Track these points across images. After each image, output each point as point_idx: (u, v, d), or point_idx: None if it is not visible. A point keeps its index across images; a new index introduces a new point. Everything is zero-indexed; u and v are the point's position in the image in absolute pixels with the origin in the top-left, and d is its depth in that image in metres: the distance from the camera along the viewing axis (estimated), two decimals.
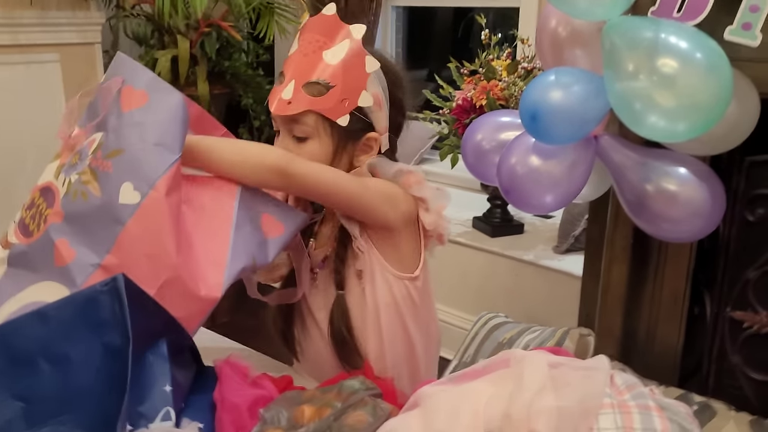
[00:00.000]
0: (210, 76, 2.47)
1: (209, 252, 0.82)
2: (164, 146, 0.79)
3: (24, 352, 0.65)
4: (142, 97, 0.81)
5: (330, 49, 0.93)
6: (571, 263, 2.00)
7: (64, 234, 0.79)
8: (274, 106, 0.94)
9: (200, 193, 0.85)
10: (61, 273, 0.78)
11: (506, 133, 1.38)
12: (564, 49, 1.24)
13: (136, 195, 0.77)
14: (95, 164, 0.80)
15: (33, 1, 2.14)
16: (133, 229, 0.77)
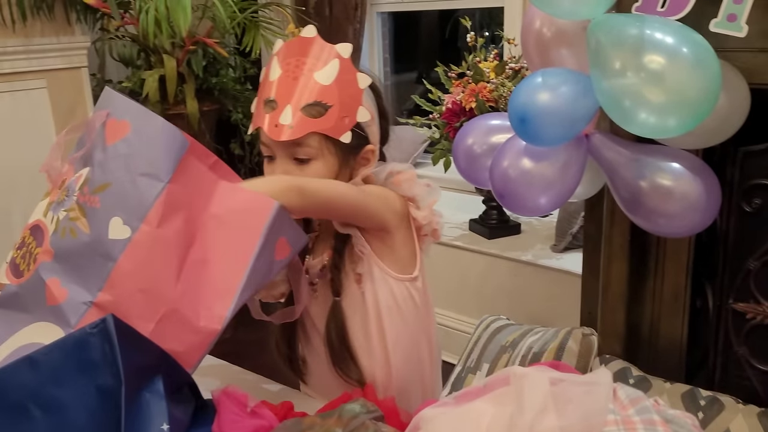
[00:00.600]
0: (198, 93, 2.46)
1: (222, 277, 0.79)
2: (151, 176, 0.77)
3: (15, 400, 0.64)
4: (124, 128, 0.80)
5: (320, 71, 0.94)
6: (570, 261, 1.99)
7: (54, 273, 0.78)
8: (271, 132, 0.93)
9: (233, 208, 0.82)
10: (53, 313, 0.76)
11: (497, 136, 1.38)
12: (550, 50, 1.23)
13: (125, 230, 0.76)
14: (83, 200, 0.79)
15: (16, 29, 2.13)
16: (125, 265, 0.75)
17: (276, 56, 0.97)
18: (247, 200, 0.82)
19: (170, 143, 0.79)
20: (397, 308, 1.00)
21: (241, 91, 2.70)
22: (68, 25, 2.30)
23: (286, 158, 0.95)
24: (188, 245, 0.79)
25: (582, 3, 1.09)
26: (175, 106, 2.41)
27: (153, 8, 2.08)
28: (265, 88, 0.96)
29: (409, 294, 1.01)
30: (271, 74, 0.96)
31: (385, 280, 0.99)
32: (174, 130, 0.80)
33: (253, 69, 2.82)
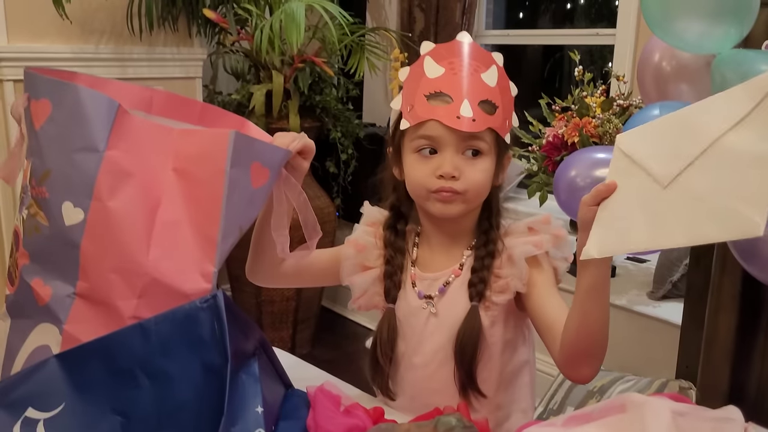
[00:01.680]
0: (301, 109, 2.53)
1: (199, 232, 0.74)
2: (85, 149, 0.73)
3: (124, 366, 0.65)
4: (46, 107, 0.75)
5: (485, 73, 0.96)
6: (668, 310, 1.89)
7: (35, 273, 0.76)
8: (454, 123, 0.92)
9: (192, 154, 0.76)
10: (46, 312, 0.75)
11: (602, 169, 1.33)
12: (668, 84, 1.19)
13: (78, 212, 0.72)
14: (35, 193, 0.76)
15: (142, 38, 2.27)
16: (88, 249, 0.72)
17: (429, 56, 0.97)
18: (204, 141, 0.76)
19: (97, 109, 0.74)
20: (513, 345, 1.00)
21: (342, 111, 2.76)
22: (188, 38, 2.43)
23: (455, 151, 0.94)
24: (153, 208, 0.74)
25: (708, 37, 1.05)
26: (279, 121, 2.48)
27: (268, 26, 2.17)
28: (425, 84, 0.95)
29: (522, 331, 1.01)
30: (428, 72, 0.96)
31: (509, 313, 0.98)
32: (97, 94, 0.75)
33: (355, 90, 2.87)
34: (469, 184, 0.94)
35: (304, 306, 2.66)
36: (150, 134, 0.76)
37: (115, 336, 0.66)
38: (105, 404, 0.64)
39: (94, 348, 0.66)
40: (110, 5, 2.20)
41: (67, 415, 0.65)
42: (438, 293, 1.00)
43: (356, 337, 2.77)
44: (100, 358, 0.66)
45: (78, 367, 0.66)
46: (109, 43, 2.26)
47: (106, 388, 0.65)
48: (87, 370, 0.66)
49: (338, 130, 2.72)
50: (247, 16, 2.34)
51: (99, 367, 0.66)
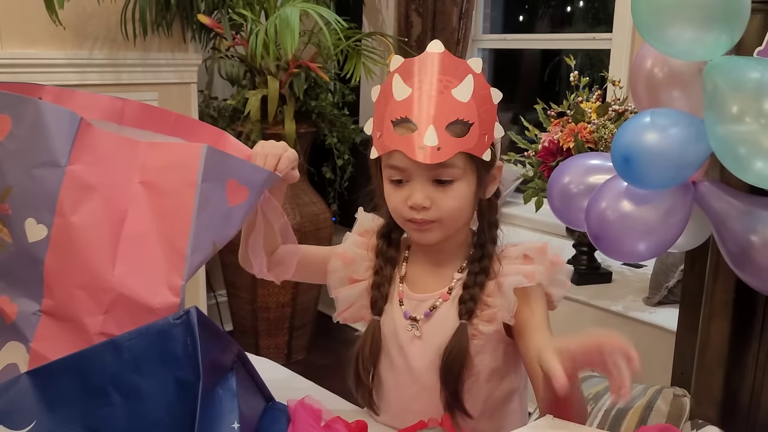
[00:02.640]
0: (297, 115, 2.53)
1: (167, 245, 0.73)
2: (47, 164, 0.72)
3: (96, 383, 0.65)
4: (5, 122, 0.74)
5: (457, 87, 0.89)
6: (663, 317, 1.88)
7: (2, 291, 0.75)
8: (417, 155, 0.87)
9: (160, 166, 0.75)
10: (13, 330, 0.74)
11: (596, 176, 1.33)
12: (660, 91, 1.18)
13: (42, 229, 0.71)
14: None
15: (136, 43, 2.27)
16: (52, 265, 0.71)
17: (398, 74, 0.91)
18: (173, 154, 0.75)
19: (58, 123, 0.73)
20: (499, 371, 0.97)
21: (338, 116, 2.75)
22: (183, 43, 2.43)
23: (425, 181, 0.90)
24: (118, 222, 0.73)
25: (699, 44, 1.04)
26: (274, 126, 2.48)
27: (263, 31, 2.16)
28: (393, 108, 0.90)
29: (513, 355, 0.97)
30: (396, 93, 0.90)
31: (498, 346, 0.96)
32: (58, 109, 0.74)
33: (351, 95, 2.87)
34: (441, 213, 0.91)
35: (299, 312, 2.65)
36: (115, 147, 0.75)
37: (87, 352, 0.65)
38: (77, 422, 0.63)
39: (65, 365, 0.65)
40: (104, 11, 2.19)
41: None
42: (423, 317, 0.97)
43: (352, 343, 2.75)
44: (71, 374, 0.65)
45: (49, 384, 0.65)
46: (103, 49, 2.25)
47: (78, 406, 0.64)
48: (58, 388, 0.65)
49: (334, 135, 2.72)
50: (242, 21, 2.34)
51: (71, 384, 0.65)
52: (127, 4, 2.20)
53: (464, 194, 0.91)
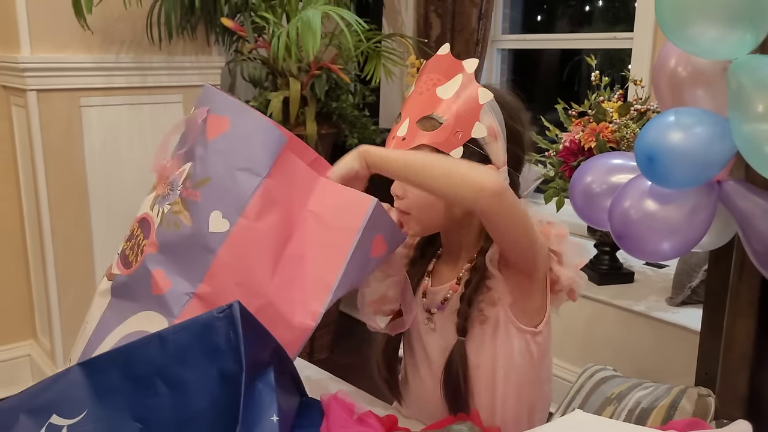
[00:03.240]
0: (318, 116, 2.55)
1: (318, 273, 0.79)
2: (249, 170, 0.78)
3: (143, 374, 0.67)
4: (225, 124, 0.81)
5: (443, 85, 0.93)
6: (686, 316, 1.87)
7: (159, 264, 0.80)
8: (387, 143, 0.95)
9: (332, 204, 0.82)
10: (158, 302, 0.78)
11: (618, 175, 1.33)
12: (684, 90, 1.18)
13: (224, 223, 0.77)
14: (185, 194, 0.81)
15: (161, 47, 2.31)
16: (223, 258, 0.76)
17: (418, 74, 0.99)
18: (346, 197, 0.81)
19: (268, 139, 0.79)
20: (512, 362, 0.96)
21: (359, 117, 2.77)
22: (207, 46, 2.46)
23: None
24: (286, 240, 0.79)
25: (723, 42, 1.04)
26: (296, 128, 2.50)
27: (285, 34, 2.19)
28: (402, 104, 0.99)
29: (527, 348, 0.97)
30: (408, 91, 0.99)
31: (508, 329, 0.96)
32: (272, 126, 0.80)
33: (371, 96, 2.88)
34: (411, 204, 0.94)
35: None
36: (302, 174, 0.82)
37: (135, 345, 0.68)
38: (125, 411, 0.65)
39: (114, 357, 0.68)
40: (130, 15, 2.23)
41: (89, 422, 0.66)
42: (437, 309, 1.00)
43: (375, 342, 2.78)
44: (120, 366, 0.67)
45: (99, 375, 0.68)
46: (129, 52, 2.29)
47: (127, 396, 0.66)
48: (108, 379, 0.68)
49: (355, 136, 2.74)
50: (264, 24, 2.37)
51: (119, 375, 0.67)
52: (152, 8, 2.24)
53: None
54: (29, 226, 2.35)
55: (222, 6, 2.27)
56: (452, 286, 0.99)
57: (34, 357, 2.46)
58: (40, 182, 2.18)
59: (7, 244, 2.39)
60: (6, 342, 2.46)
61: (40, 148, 2.15)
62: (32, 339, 2.51)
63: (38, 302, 2.41)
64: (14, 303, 2.44)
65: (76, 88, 2.19)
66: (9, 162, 2.35)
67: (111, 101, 2.27)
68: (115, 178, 2.31)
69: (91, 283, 2.30)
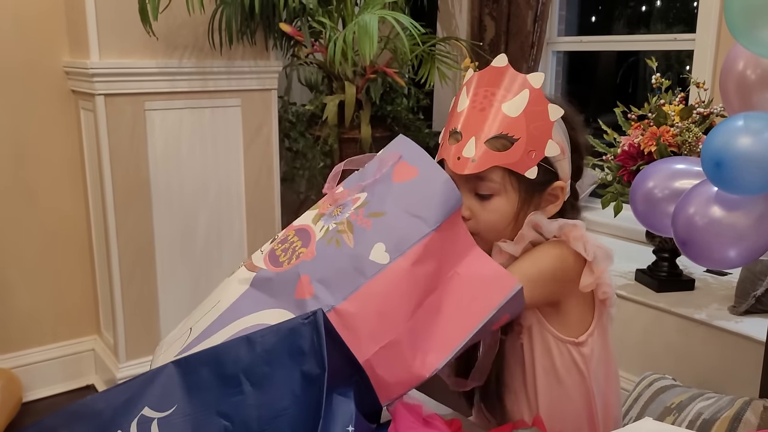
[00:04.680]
0: (373, 119, 2.58)
1: (447, 331, 0.82)
2: (422, 219, 0.83)
3: (231, 372, 0.70)
4: (413, 172, 0.86)
5: (509, 101, 0.90)
6: (750, 326, 1.81)
7: (309, 271, 0.84)
8: (454, 166, 0.92)
9: (478, 274, 0.85)
10: (297, 305, 0.83)
11: (682, 181, 1.30)
12: (753, 93, 1.15)
13: (385, 256, 0.81)
14: (354, 218, 0.86)
15: (222, 52, 2.37)
16: (374, 286, 0.80)
17: (465, 86, 0.96)
18: (493, 272, 0.84)
19: (447, 197, 0.84)
20: (554, 371, 0.95)
21: (413, 121, 2.78)
22: (265, 51, 2.52)
23: (467, 192, 0.94)
24: (429, 291, 0.83)
25: None
26: (351, 131, 2.53)
27: (341, 38, 2.22)
28: (452, 119, 0.95)
29: (571, 359, 0.95)
30: (459, 105, 0.95)
31: (544, 338, 0.95)
32: (453, 187, 0.84)
33: (426, 100, 2.89)
34: (479, 226, 0.94)
35: None
36: (462, 237, 0.86)
37: (224, 346, 0.72)
38: (212, 408, 0.69)
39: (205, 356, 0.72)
40: (193, 21, 2.30)
41: (178, 416, 0.70)
42: None
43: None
44: (210, 365, 0.71)
45: (190, 373, 0.72)
46: (191, 58, 2.36)
47: (214, 393, 0.69)
48: (198, 376, 0.71)
49: None
50: (321, 29, 2.40)
51: (208, 373, 0.71)
52: (214, 14, 2.30)
53: (503, 210, 0.93)
54: (95, 225, 2.44)
55: (280, 11, 2.31)
56: None
57: (97, 351, 2.56)
58: (107, 183, 2.26)
59: (73, 243, 2.50)
60: (72, 337, 2.56)
61: (107, 150, 2.24)
62: (96, 334, 2.61)
63: (102, 299, 2.50)
64: (80, 300, 2.55)
65: (141, 92, 2.27)
66: (77, 164, 2.45)
67: (173, 105, 2.34)
68: (175, 179, 2.39)
69: (152, 280, 2.38)
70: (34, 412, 2.37)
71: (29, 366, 2.45)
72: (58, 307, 2.51)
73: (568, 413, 0.97)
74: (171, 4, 2.19)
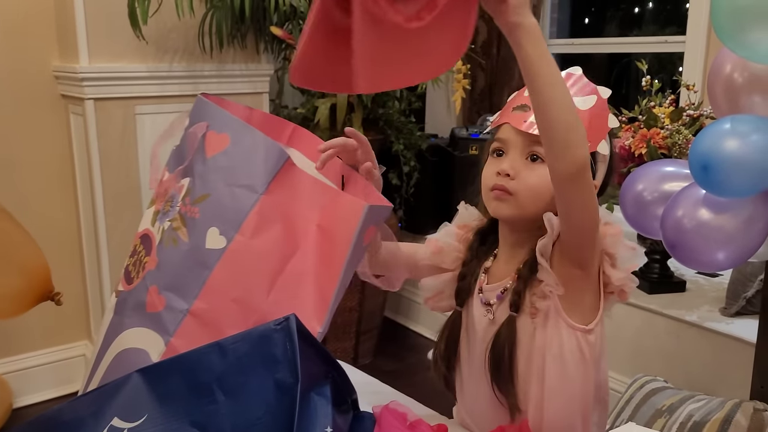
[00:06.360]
0: (365, 122, 2.57)
1: (318, 289, 0.78)
2: (247, 187, 0.78)
3: (203, 381, 0.69)
4: (224, 141, 0.81)
5: (578, 97, 0.98)
6: (741, 327, 1.82)
7: (156, 281, 0.80)
8: (522, 126, 0.96)
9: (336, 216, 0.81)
10: (152, 320, 0.79)
11: (671, 183, 1.31)
12: (740, 96, 1.15)
13: (221, 240, 0.77)
14: (184, 210, 0.81)
15: (213, 55, 2.36)
16: (219, 274, 0.76)
17: None
18: (344, 206, 0.80)
19: (267, 155, 0.79)
20: (561, 358, 0.96)
21: (405, 123, 2.78)
22: (256, 54, 2.51)
23: (518, 154, 0.97)
24: (288, 256, 0.78)
25: None
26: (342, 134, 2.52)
27: None
28: (518, 99, 1.01)
29: (577, 346, 0.97)
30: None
31: (557, 324, 0.96)
32: (272, 143, 0.80)
33: (418, 103, 2.89)
34: (522, 186, 0.96)
35: (366, 317, 2.69)
36: (309, 188, 0.81)
37: (195, 353, 0.70)
38: (184, 417, 0.67)
39: (174, 364, 0.70)
40: (183, 25, 2.29)
41: (149, 426, 0.69)
42: (496, 300, 1.01)
43: (418, 348, 2.78)
44: (180, 373, 0.70)
45: (159, 381, 0.70)
46: (182, 61, 2.35)
47: (186, 402, 0.68)
48: (168, 385, 0.70)
49: (401, 142, 2.75)
50: None
51: (179, 382, 0.70)
52: (204, 18, 2.29)
53: (543, 177, 0.94)
54: (85, 230, 2.43)
55: (271, 14, 2.31)
56: (512, 277, 1.00)
57: (88, 357, 2.54)
58: (97, 188, 2.25)
59: (64, 249, 2.48)
60: (62, 342, 2.55)
61: (97, 155, 2.23)
62: (87, 339, 2.59)
63: (93, 304, 2.49)
64: (71, 305, 2.53)
65: (131, 97, 2.26)
66: (67, 169, 2.44)
67: (164, 109, 2.33)
68: None
69: None
70: (24, 418, 2.36)
71: (19, 372, 2.44)
72: (48, 313, 2.48)
73: (568, 398, 0.98)
74: (161, 8, 2.18)
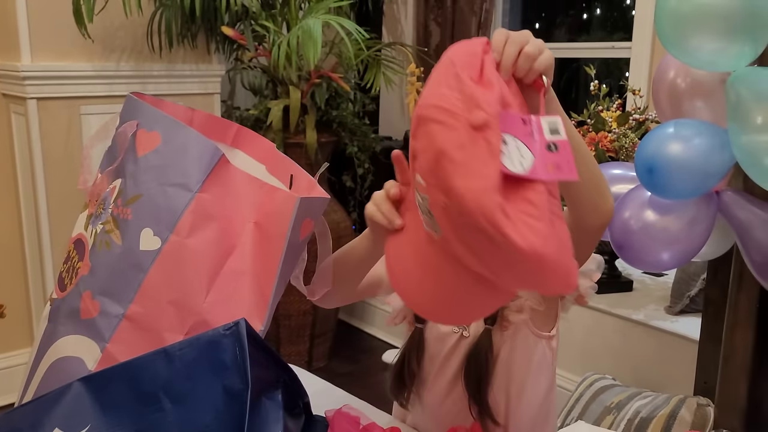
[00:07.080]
0: (318, 124, 2.56)
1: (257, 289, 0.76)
2: (180, 186, 0.76)
3: (148, 389, 0.67)
4: (155, 139, 0.79)
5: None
6: (685, 325, 1.88)
7: (90, 286, 0.78)
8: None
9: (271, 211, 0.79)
10: (87, 326, 0.76)
11: (618, 186, 1.34)
12: (683, 101, 1.19)
13: (156, 241, 0.75)
14: (116, 212, 0.79)
15: (162, 55, 2.31)
16: (155, 276, 0.75)
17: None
18: (278, 201, 0.78)
19: (201, 153, 0.77)
20: (530, 367, 0.97)
21: (359, 125, 2.78)
22: (207, 54, 2.47)
23: None
24: (225, 255, 0.77)
25: (723, 54, 1.05)
26: (296, 136, 2.51)
27: (285, 42, 2.20)
28: None
29: (543, 353, 0.98)
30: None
31: (526, 334, 0.96)
32: (205, 140, 0.78)
33: (371, 105, 2.89)
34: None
35: (321, 320, 2.67)
36: (244, 185, 0.79)
37: (140, 360, 0.68)
38: (129, 426, 0.65)
39: (118, 372, 0.68)
40: (131, 23, 2.24)
41: None
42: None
43: (373, 351, 2.77)
44: (124, 381, 0.67)
45: (102, 390, 0.68)
46: (129, 61, 2.30)
47: (131, 411, 0.66)
48: (111, 393, 0.67)
49: (355, 144, 2.74)
50: (264, 33, 2.38)
51: (123, 390, 0.67)
52: (153, 17, 2.24)
53: None
54: (28, 235, 2.34)
55: (222, 14, 2.27)
56: None
57: None
58: (40, 191, 2.18)
59: (5, 253, 2.39)
60: (5, 350, 2.45)
61: (40, 157, 2.15)
62: (30, 347, 2.50)
63: (36, 311, 2.41)
64: (13, 312, 2.44)
65: (76, 96, 2.19)
66: (8, 171, 2.35)
67: (111, 109, 2.26)
68: None
69: None
70: None
71: None
72: None
73: (537, 404, 0.99)
74: (107, 6, 2.12)
